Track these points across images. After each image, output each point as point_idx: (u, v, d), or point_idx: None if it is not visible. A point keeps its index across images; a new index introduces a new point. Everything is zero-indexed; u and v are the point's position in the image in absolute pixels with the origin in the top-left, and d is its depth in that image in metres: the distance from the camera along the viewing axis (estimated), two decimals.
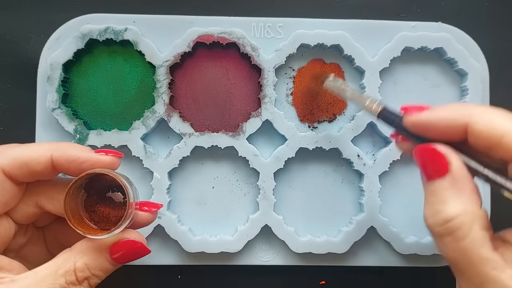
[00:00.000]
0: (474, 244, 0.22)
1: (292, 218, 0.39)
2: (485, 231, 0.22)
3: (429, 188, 0.24)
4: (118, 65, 0.39)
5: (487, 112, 0.24)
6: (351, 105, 0.40)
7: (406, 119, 0.27)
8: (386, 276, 0.40)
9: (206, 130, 0.38)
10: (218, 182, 0.39)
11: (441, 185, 0.24)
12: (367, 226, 0.38)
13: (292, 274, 0.40)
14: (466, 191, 0.23)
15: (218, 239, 0.37)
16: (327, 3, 0.41)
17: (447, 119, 0.25)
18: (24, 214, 0.28)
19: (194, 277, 0.40)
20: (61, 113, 0.37)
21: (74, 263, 0.26)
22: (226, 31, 0.38)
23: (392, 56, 0.38)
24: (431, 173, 0.24)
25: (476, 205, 0.23)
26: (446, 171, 0.24)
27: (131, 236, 0.27)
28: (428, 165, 0.25)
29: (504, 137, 0.22)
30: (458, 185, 0.23)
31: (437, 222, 0.23)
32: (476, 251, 0.22)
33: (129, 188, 0.27)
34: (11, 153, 0.27)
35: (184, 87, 0.39)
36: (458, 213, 0.23)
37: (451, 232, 0.23)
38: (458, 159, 0.24)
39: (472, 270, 0.22)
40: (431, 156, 0.25)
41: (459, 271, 0.23)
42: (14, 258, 0.29)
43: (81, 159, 0.27)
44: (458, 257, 0.23)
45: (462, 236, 0.22)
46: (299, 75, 0.39)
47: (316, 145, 0.38)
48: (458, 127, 0.24)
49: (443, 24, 0.39)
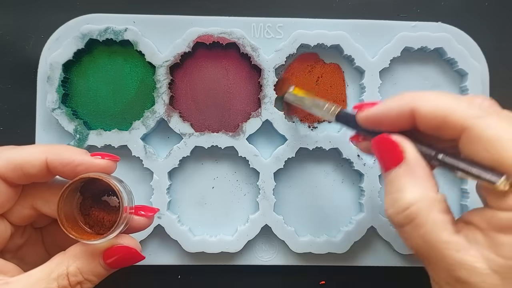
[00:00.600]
0: (434, 229, 0.22)
1: (292, 218, 0.39)
2: (444, 214, 0.22)
3: (387, 178, 0.25)
4: (118, 65, 0.39)
5: (430, 95, 0.24)
6: (351, 105, 0.40)
7: (358, 116, 0.27)
8: (386, 276, 0.40)
9: (206, 130, 0.38)
10: (218, 182, 0.39)
11: (397, 174, 0.24)
12: (367, 226, 0.38)
13: (292, 274, 0.40)
14: (422, 177, 0.23)
15: (218, 239, 0.37)
16: (327, 3, 0.41)
17: (394, 108, 0.25)
18: (20, 216, 0.28)
19: (194, 277, 0.40)
20: (61, 113, 0.37)
21: (67, 267, 0.26)
22: (226, 31, 0.38)
23: (392, 56, 0.38)
24: (387, 163, 0.25)
25: (432, 190, 0.23)
26: (401, 159, 0.24)
27: (125, 242, 0.27)
28: (384, 155, 0.25)
29: (448, 116, 0.23)
30: (413, 172, 0.23)
31: (396, 211, 0.23)
32: (437, 235, 0.22)
33: (123, 193, 0.27)
34: (5, 155, 0.27)
35: (184, 87, 0.39)
36: (415, 199, 0.23)
37: (410, 220, 0.23)
38: (411, 146, 0.24)
39: (437, 256, 0.22)
40: (386, 146, 0.25)
41: (425, 260, 0.23)
42: (12, 258, 0.29)
43: (76, 163, 0.27)
44: (421, 245, 0.23)
45: (421, 223, 0.22)
46: (289, 71, 0.39)
47: (316, 145, 0.38)
48: (406, 114, 0.24)
49: (443, 24, 0.39)
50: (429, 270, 0.24)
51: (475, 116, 0.22)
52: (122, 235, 0.27)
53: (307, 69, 0.39)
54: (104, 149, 0.37)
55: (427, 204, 0.22)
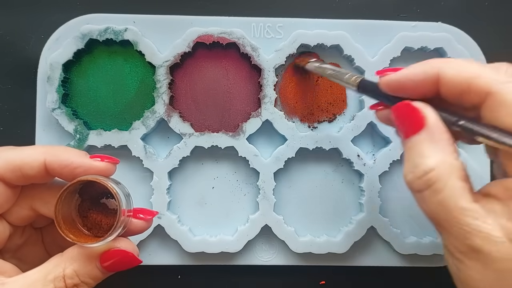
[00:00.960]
0: (452, 194, 0.22)
1: (292, 218, 0.39)
2: (463, 182, 0.22)
3: (407, 145, 0.24)
4: (118, 65, 0.39)
5: (456, 61, 0.24)
6: (351, 105, 0.40)
7: (381, 81, 0.27)
8: (386, 276, 0.40)
9: (206, 130, 0.38)
10: (218, 182, 0.39)
11: (418, 139, 0.24)
12: (367, 226, 0.38)
13: (292, 274, 0.40)
14: (443, 143, 0.23)
15: (218, 239, 0.37)
16: (327, 3, 0.41)
17: (418, 73, 0.25)
18: (18, 217, 0.28)
19: (194, 277, 0.40)
20: (61, 113, 0.37)
21: (64, 269, 0.26)
22: (226, 31, 0.38)
23: (392, 56, 0.38)
24: (408, 129, 0.24)
25: (452, 156, 0.23)
26: (422, 125, 0.24)
27: (122, 245, 0.27)
28: (405, 121, 0.25)
29: (473, 81, 0.23)
30: (434, 138, 0.23)
31: (416, 175, 0.23)
32: (455, 201, 0.22)
33: (121, 196, 0.26)
34: (4, 156, 0.27)
35: (184, 87, 0.39)
36: (436, 164, 0.22)
37: (429, 185, 0.22)
38: (433, 112, 0.24)
39: (454, 222, 0.22)
40: (407, 112, 0.25)
41: (441, 227, 0.23)
42: (11, 258, 0.29)
43: (74, 165, 0.27)
44: (438, 211, 0.22)
45: (440, 188, 0.22)
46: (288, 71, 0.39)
47: (316, 145, 0.38)
48: (430, 80, 0.24)
49: (443, 24, 0.39)
50: (443, 237, 0.23)
51: (500, 82, 0.22)
52: (120, 239, 0.27)
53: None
54: (104, 149, 0.37)
55: (447, 170, 0.22)
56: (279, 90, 0.39)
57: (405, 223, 0.39)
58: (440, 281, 0.40)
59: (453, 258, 0.23)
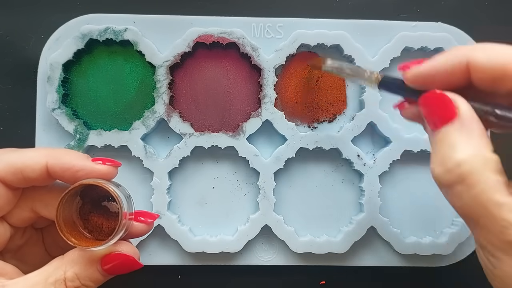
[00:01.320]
0: (488, 189, 0.20)
1: (292, 218, 0.39)
2: (498, 175, 0.21)
3: (436, 137, 0.23)
4: (118, 65, 0.39)
5: (487, 46, 0.23)
6: (351, 105, 0.40)
7: (406, 75, 0.25)
8: (386, 276, 0.40)
9: (206, 130, 0.38)
10: (218, 182, 0.39)
11: (449, 130, 0.22)
12: (367, 226, 0.38)
13: (292, 274, 0.40)
14: (476, 135, 0.22)
15: (218, 239, 0.37)
16: (327, 3, 0.41)
17: (447, 63, 0.24)
18: (19, 218, 0.28)
19: (194, 277, 0.40)
20: (61, 113, 0.37)
21: (65, 272, 0.26)
22: (226, 31, 0.38)
23: (392, 56, 0.38)
24: (438, 120, 0.23)
25: (487, 149, 0.22)
26: (454, 115, 0.22)
27: (124, 249, 0.27)
28: (435, 112, 0.23)
29: (508, 65, 0.22)
30: (467, 129, 0.22)
31: (446, 169, 0.22)
32: (491, 196, 0.20)
33: (123, 200, 0.26)
34: (6, 158, 0.27)
35: (184, 87, 0.39)
36: (469, 157, 0.21)
37: (462, 179, 0.21)
38: (465, 102, 0.23)
39: (489, 217, 0.21)
40: (437, 101, 0.23)
41: (475, 223, 0.22)
42: (11, 259, 0.29)
43: (76, 168, 0.27)
44: (472, 206, 0.21)
45: (474, 182, 0.21)
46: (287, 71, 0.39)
47: (316, 145, 0.38)
48: (460, 69, 0.23)
49: (443, 24, 0.39)
50: (478, 234, 0.22)
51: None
52: (121, 242, 0.27)
53: (307, 69, 0.39)
54: (104, 149, 0.37)
55: (481, 163, 0.21)
56: (279, 90, 0.39)
57: (405, 223, 0.39)
58: (440, 281, 0.40)
59: (488, 254, 0.22)
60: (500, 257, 0.21)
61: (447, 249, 0.37)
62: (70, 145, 0.37)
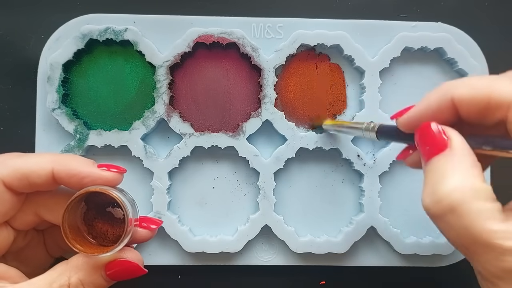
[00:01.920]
0: (479, 217, 0.20)
1: (292, 218, 0.39)
2: (489, 203, 0.21)
3: (428, 168, 0.23)
4: (118, 65, 0.39)
5: (466, 79, 0.24)
6: (351, 105, 0.40)
7: (399, 123, 0.26)
8: (386, 276, 0.40)
9: (206, 130, 0.38)
10: (218, 182, 0.39)
11: (440, 161, 0.22)
12: (367, 226, 0.38)
13: (292, 274, 0.40)
14: (467, 165, 0.22)
15: (218, 239, 0.37)
16: (327, 3, 0.41)
17: (433, 103, 0.24)
18: (23, 222, 0.28)
19: (194, 277, 0.40)
20: (61, 113, 0.37)
21: (69, 277, 0.26)
22: (226, 31, 0.38)
23: (392, 56, 0.38)
24: (430, 150, 0.23)
25: (477, 178, 0.21)
26: (445, 145, 0.22)
27: (128, 256, 0.27)
28: (427, 142, 0.23)
29: (492, 95, 0.22)
30: (458, 159, 0.22)
31: (435, 199, 0.21)
32: (483, 224, 0.20)
33: (128, 206, 0.26)
34: (12, 163, 0.27)
35: (184, 87, 0.39)
36: (458, 186, 0.21)
37: (452, 209, 0.21)
38: (458, 134, 0.23)
39: (483, 246, 0.20)
40: (430, 133, 0.23)
41: (470, 252, 0.21)
42: (13, 260, 0.29)
43: (82, 174, 0.27)
44: (465, 236, 0.21)
45: (465, 211, 0.20)
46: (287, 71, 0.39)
47: (316, 145, 0.38)
48: (446, 106, 0.23)
49: (443, 24, 0.39)
50: (476, 264, 0.22)
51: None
52: (126, 249, 0.27)
53: (307, 69, 0.39)
54: (104, 149, 0.37)
55: (471, 191, 0.21)
56: (279, 90, 0.39)
57: (405, 223, 0.39)
58: (440, 281, 0.40)
59: (488, 283, 0.21)
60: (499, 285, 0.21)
61: (447, 249, 0.37)
62: (70, 145, 0.37)
